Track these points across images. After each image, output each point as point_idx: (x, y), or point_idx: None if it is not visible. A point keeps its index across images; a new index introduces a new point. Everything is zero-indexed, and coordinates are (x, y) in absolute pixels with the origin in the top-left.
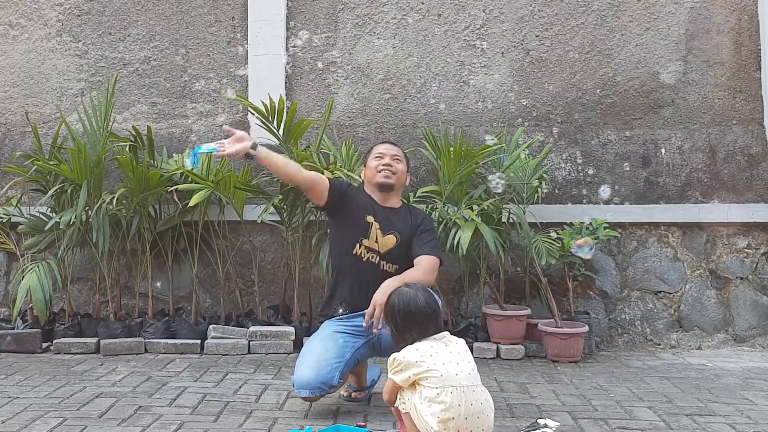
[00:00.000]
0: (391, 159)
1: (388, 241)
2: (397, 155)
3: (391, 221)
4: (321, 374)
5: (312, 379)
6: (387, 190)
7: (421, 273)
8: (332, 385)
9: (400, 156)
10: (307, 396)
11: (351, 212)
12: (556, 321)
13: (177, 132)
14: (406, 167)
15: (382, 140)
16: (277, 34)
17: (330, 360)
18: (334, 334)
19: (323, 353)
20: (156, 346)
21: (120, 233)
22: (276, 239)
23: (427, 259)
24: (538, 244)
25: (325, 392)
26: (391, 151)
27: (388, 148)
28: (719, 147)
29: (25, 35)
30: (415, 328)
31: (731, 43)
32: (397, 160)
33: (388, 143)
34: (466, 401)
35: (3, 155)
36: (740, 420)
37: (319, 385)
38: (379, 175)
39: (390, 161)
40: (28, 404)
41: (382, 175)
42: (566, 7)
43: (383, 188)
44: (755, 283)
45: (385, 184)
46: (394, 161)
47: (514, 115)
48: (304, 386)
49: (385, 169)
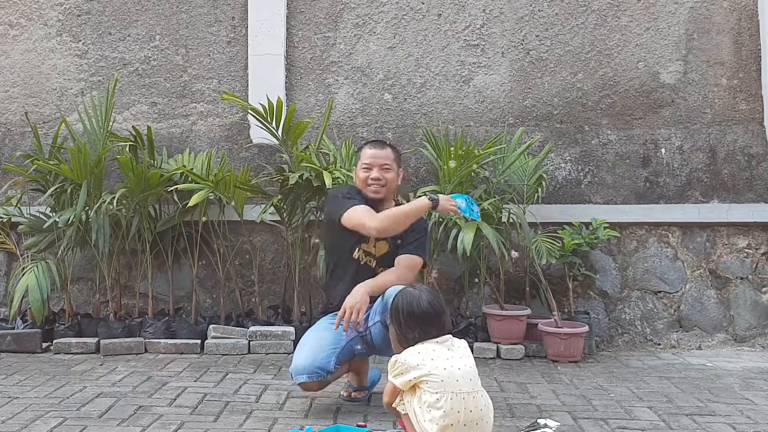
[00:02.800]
0: (379, 170)
1: (382, 247)
2: (385, 164)
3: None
4: (318, 359)
5: (309, 364)
6: (377, 201)
7: (395, 274)
8: (329, 371)
9: (389, 162)
10: (305, 381)
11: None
12: (556, 321)
13: (177, 132)
14: (398, 165)
15: (371, 141)
16: (277, 34)
17: (325, 347)
18: (329, 326)
19: (318, 341)
20: (156, 346)
21: (120, 233)
22: (276, 239)
23: (407, 258)
24: (538, 244)
25: (322, 377)
26: (380, 160)
27: (375, 156)
28: (719, 147)
29: (25, 35)
30: (417, 329)
31: (731, 43)
32: (386, 169)
33: (376, 147)
34: (466, 408)
35: (3, 155)
36: (740, 420)
37: (316, 369)
38: (369, 190)
39: (378, 174)
40: (28, 404)
41: (372, 190)
42: (566, 7)
43: (374, 200)
44: (755, 283)
45: (374, 199)
46: (383, 171)
47: (514, 115)
48: (302, 371)
49: (373, 183)
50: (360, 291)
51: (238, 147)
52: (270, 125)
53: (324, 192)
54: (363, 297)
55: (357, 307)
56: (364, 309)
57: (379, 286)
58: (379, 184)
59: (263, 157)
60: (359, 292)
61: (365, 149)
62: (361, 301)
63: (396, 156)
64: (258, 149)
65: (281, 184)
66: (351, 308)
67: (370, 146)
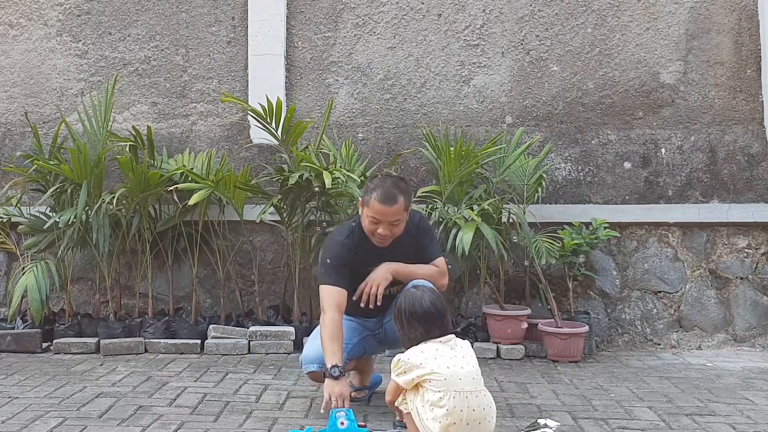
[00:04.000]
0: (387, 226)
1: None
2: (395, 220)
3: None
4: None
5: (320, 353)
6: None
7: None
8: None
9: (399, 217)
10: (314, 370)
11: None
12: (556, 321)
13: (177, 132)
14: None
15: (383, 191)
16: (277, 34)
17: None
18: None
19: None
20: (156, 346)
21: (120, 233)
22: (276, 239)
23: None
24: (538, 244)
25: None
26: (389, 217)
27: (385, 213)
28: (719, 147)
29: (25, 35)
30: (419, 329)
31: (731, 43)
32: (394, 224)
33: (386, 204)
34: (468, 407)
35: (3, 155)
36: (740, 420)
37: None
38: (374, 239)
39: (385, 231)
40: (28, 404)
41: (377, 241)
42: (566, 7)
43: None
44: (755, 283)
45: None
46: (392, 226)
47: (514, 115)
48: (312, 361)
49: (380, 238)
50: (384, 268)
51: (238, 147)
52: (270, 125)
53: (325, 192)
54: (385, 274)
55: (377, 282)
56: (384, 285)
57: (405, 272)
58: (385, 240)
59: (263, 157)
60: (383, 269)
61: (374, 201)
62: (382, 277)
63: (407, 204)
64: (258, 149)
65: (281, 184)
66: (372, 282)
67: (381, 200)
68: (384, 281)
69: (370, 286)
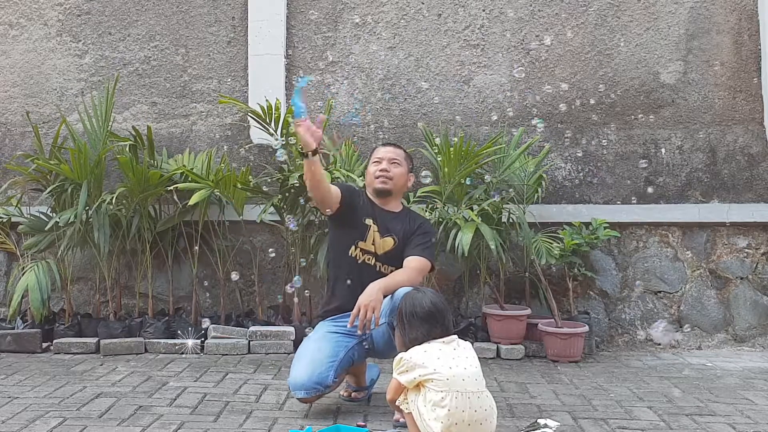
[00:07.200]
0: (388, 163)
1: (386, 244)
2: (395, 159)
3: (391, 224)
4: (315, 374)
5: (306, 379)
6: (384, 195)
7: (406, 275)
8: (327, 385)
9: (399, 159)
10: (303, 397)
11: (353, 215)
12: (556, 321)
13: (177, 132)
14: (407, 168)
15: (384, 142)
16: (277, 34)
17: (323, 360)
18: (327, 335)
19: (317, 353)
20: (156, 346)
21: (120, 233)
22: (276, 239)
23: (416, 260)
24: (538, 244)
25: (320, 392)
26: (389, 154)
27: (386, 151)
28: (719, 147)
29: (25, 35)
30: (421, 330)
31: (731, 43)
32: (395, 164)
33: (388, 146)
34: (470, 407)
35: (3, 155)
36: (740, 420)
37: (314, 385)
38: (376, 181)
39: (387, 165)
40: (28, 404)
41: (379, 181)
42: (566, 7)
43: (380, 194)
44: (755, 283)
45: (381, 191)
46: (392, 165)
47: (514, 115)
48: (300, 387)
49: (381, 175)
50: (374, 288)
51: (238, 147)
52: (269, 126)
53: None
54: (377, 295)
55: (372, 305)
56: (379, 307)
57: (391, 285)
58: (385, 176)
59: (263, 157)
60: (374, 290)
61: (378, 147)
62: (376, 299)
63: (407, 156)
64: (258, 149)
65: (281, 184)
66: (366, 306)
67: (383, 144)
68: (378, 303)
69: (364, 312)
